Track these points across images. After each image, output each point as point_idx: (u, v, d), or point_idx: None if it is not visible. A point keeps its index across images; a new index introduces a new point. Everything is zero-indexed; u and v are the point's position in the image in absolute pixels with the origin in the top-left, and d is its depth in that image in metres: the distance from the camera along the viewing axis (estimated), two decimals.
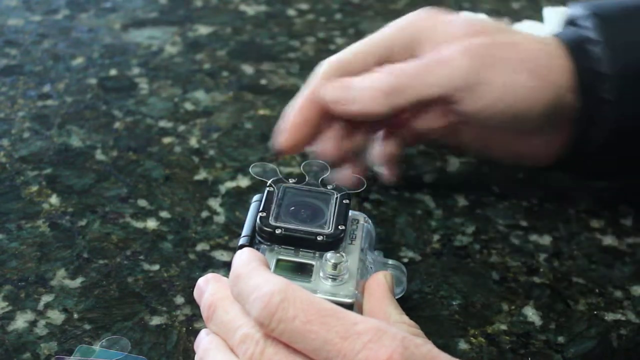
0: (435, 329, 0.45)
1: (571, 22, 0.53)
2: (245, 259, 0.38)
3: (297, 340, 0.34)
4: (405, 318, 0.39)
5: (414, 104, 0.49)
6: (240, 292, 0.37)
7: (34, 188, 0.54)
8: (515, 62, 0.49)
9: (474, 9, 0.82)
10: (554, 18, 0.71)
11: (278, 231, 0.42)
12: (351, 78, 0.50)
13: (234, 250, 0.48)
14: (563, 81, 0.49)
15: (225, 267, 0.49)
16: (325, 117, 0.51)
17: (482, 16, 0.75)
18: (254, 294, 0.35)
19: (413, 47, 0.51)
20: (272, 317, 0.34)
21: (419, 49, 0.51)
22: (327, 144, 0.51)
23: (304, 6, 0.81)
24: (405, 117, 0.51)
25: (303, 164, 0.51)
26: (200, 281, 0.41)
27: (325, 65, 0.51)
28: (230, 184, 0.56)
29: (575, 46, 0.50)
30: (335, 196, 0.44)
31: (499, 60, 0.49)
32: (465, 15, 0.76)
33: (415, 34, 0.51)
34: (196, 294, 0.41)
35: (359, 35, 0.71)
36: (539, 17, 0.76)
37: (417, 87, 0.49)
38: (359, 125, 0.52)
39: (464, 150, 0.58)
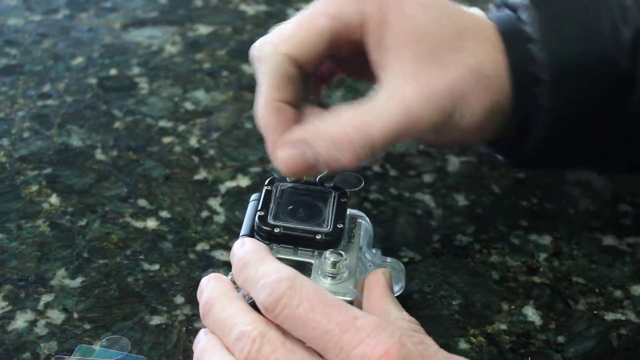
0: (435, 328, 0.45)
1: (506, 5, 0.48)
2: (252, 248, 0.38)
3: (298, 327, 0.35)
4: (405, 314, 0.39)
5: (385, 146, 0.44)
6: (247, 279, 0.37)
7: (34, 188, 0.54)
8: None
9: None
10: None
11: (277, 230, 0.42)
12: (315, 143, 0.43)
13: None
14: (501, 80, 0.45)
15: (225, 267, 0.49)
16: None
17: (474, 10, 0.74)
18: (263, 280, 0.36)
19: (360, 34, 0.46)
20: (278, 302, 0.35)
21: (366, 36, 0.46)
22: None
23: (304, 6, 0.80)
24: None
25: None
26: (203, 281, 0.41)
27: (274, 62, 0.45)
28: (230, 184, 0.56)
29: (509, 38, 0.45)
30: (333, 195, 0.45)
31: (460, 98, 0.44)
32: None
33: (360, 21, 0.46)
34: (198, 293, 0.41)
35: None
36: None
37: (378, 132, 0.43)
38: None
39: None
